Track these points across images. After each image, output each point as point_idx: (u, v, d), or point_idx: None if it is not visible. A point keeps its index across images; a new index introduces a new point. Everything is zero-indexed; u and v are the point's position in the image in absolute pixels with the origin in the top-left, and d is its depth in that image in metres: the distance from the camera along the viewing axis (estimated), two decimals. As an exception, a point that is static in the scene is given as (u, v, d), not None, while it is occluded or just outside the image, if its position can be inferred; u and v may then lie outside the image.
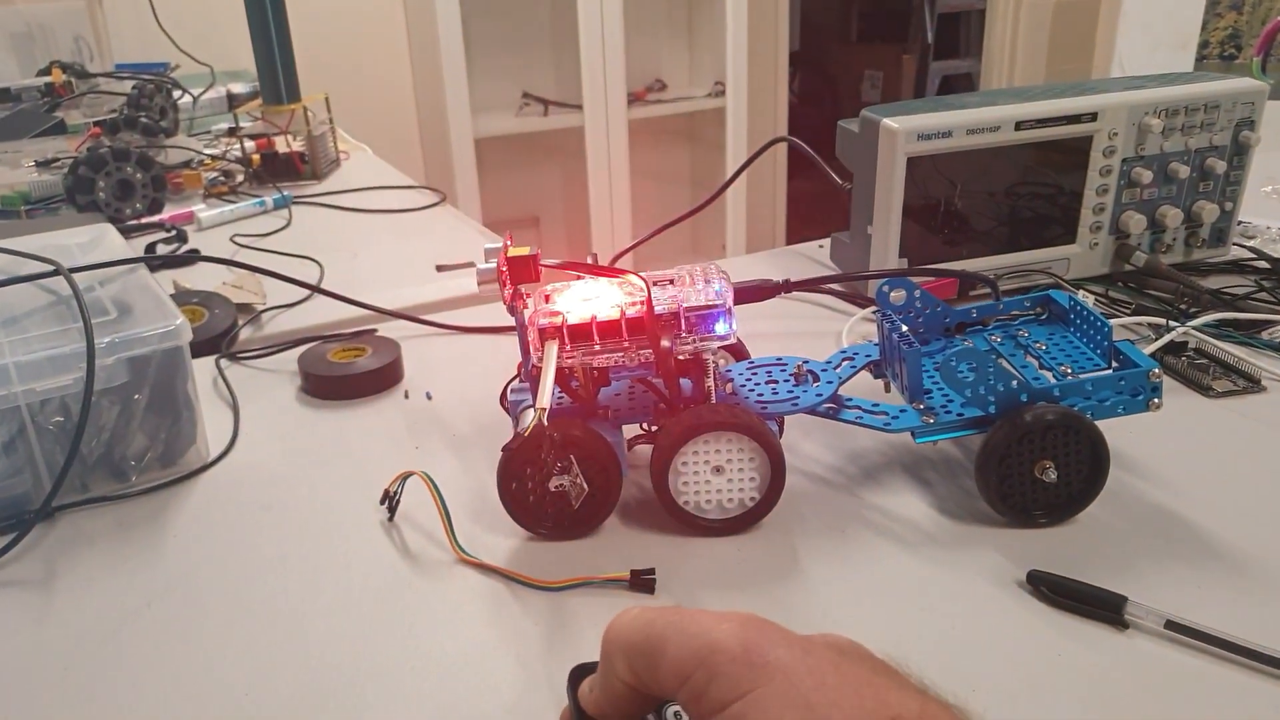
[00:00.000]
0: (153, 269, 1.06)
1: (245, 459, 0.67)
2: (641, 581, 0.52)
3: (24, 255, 0.70)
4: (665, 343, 0.54)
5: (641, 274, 0.57)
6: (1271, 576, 0.51)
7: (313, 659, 0.48)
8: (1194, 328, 0.75)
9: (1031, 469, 0.54)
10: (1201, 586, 0.51)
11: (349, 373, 0.74)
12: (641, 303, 0.54)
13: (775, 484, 0.55)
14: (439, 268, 1.04)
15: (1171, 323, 0.75)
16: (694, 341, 0.55)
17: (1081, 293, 0.84)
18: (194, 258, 1.07)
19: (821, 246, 1.02)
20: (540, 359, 0.54)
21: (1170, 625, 0.47)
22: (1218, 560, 0.52)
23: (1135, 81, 0.87)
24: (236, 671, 0.48)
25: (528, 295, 0.58)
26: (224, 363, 0.80)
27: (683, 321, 0.55)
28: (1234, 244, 0.93)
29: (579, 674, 0.36)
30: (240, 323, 0.88)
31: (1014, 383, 0.54)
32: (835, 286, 0.88)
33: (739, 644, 0.30)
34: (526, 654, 0.48)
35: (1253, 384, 0.70)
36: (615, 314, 0.55)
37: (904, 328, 0.61)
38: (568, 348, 0.55)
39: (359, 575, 0.54)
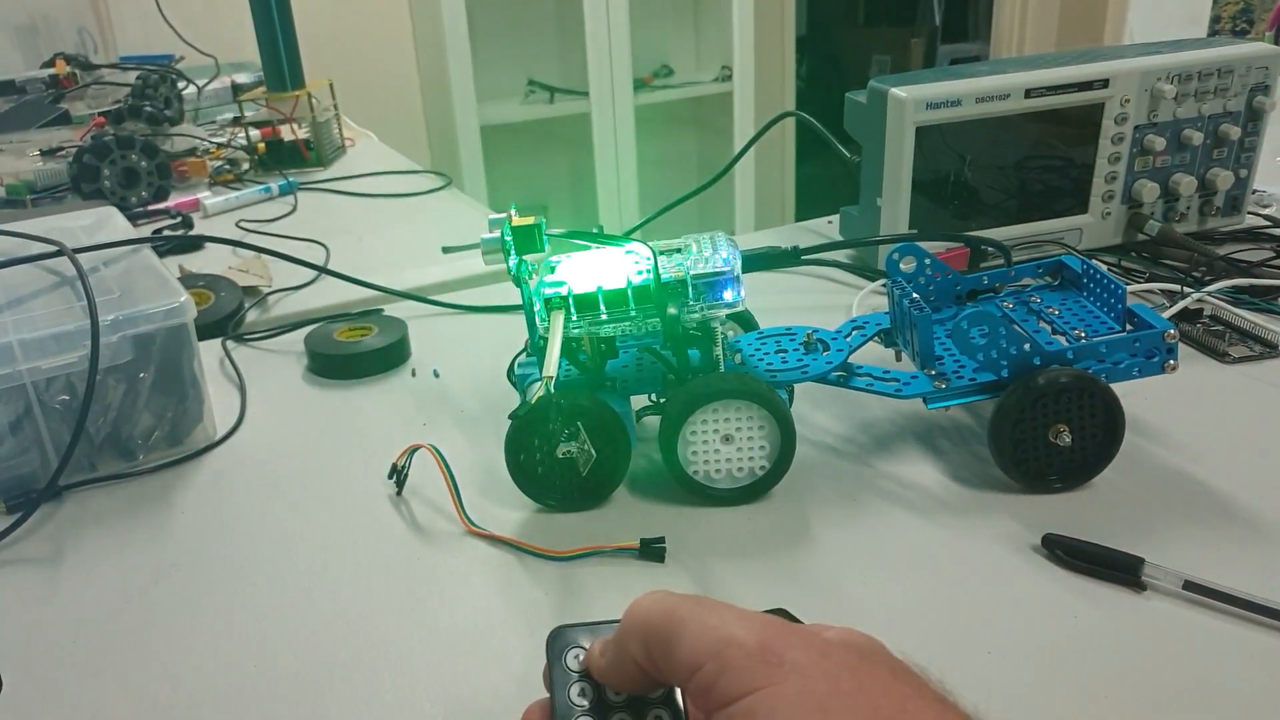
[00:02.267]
0: (159, 254, 1.05)
1: (252, 437, 0.67)
2: (651, 550, 0.51)
3: (28, 237, 0.69)
4: (672, 310, 0.53)
5: (648, 242, 0.57)
6: (1292, 538, 0.50)
7: (321, 633, 0.48)
8: (1209, 294, 0.74)
9: (1045, 433, 0.53)
10: (1219, 549, 0.50)
11: (355, 351, 0.74)
12: (648, 271, 0.54)
13: (785, 452, 0.55)
14: (445, 249, 1.03)
15: (1186, 289, 0.74)
16: (701, 309, 0.54)
17: (1094, 263, 0.83)
18: (200, 239, 1.06)
19: (830, 222, 1.01)
20: (546, 330, 0.54)
21: (1189, 586, 0.46)
22: (1235, 523, 0.52)
23: (1147, 48, 0.85)
24: (244, 646, 0.47)
25: (534, 268, 0.57)
26: (230, 344, 0.80)
27: (690, 289, 0.54)
28: (1249, 212, 0.91)
29: (559, 635, 0.35)
30: (247, 305, 0.88)
31: (1026, 346, 0.53)
32: (845, 259, 0.88)
33: (755, 640, 0.29)
34: (537, 624, 0.48)
35: (1270, 349, 0.69)
36: (621, 283, 0.54)
37: (914, 294, 0.61)
38: (574, 318, 0.54)
39: (367, 549, 0.54)
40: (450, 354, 0.77)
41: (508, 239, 0.55)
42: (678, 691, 0.33)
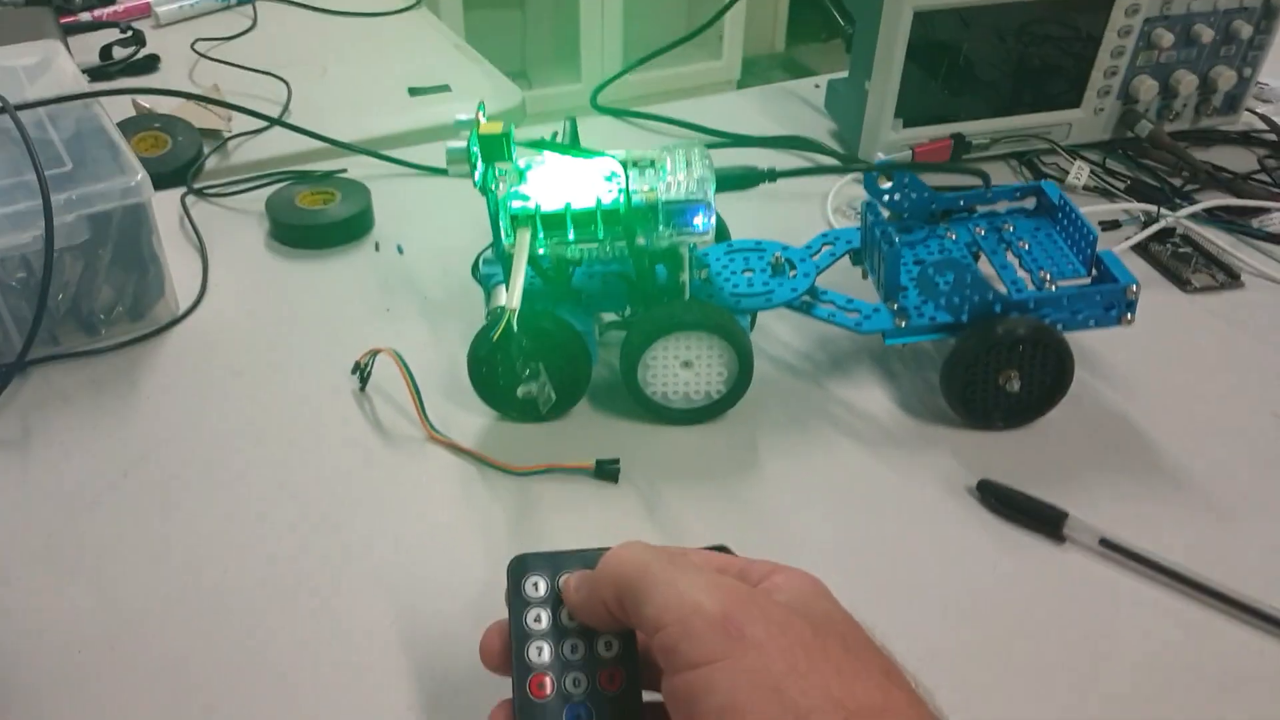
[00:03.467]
0: (109, 76, 1.01)
1: (215, 314, 0.67)
2: (605, 471, 0.53)
3: (-30, 85, 0.66)
4: (640, 241, 0.53)
5: (620, 156, 0.55)
6: (1206, 495, 0.53)
7: (286, 539, 0.50)
8: (1182, 219, 0.73)
9: (996, 377, 0.55)
10: (1141, 503, 0.52)
11: (318, 222, 0.72)
12: (618, 189, 0.53)
13: (742, 381, 0.56)
14: (412, 91, 0.99)
15: (1163, 211, 0.74)
16: (671, 236, 0.54)
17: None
18: (154, 61, 1.01)
19: (818, 86, 0.97)
20: (512, 246, 0.53)
21: (1104, 543, 0.49)
22: (1161, 476, 0.54)
23: (1169, -70, 0.80)
24: (212, 549, 0.50)
25: (504, 174, 0.55)
26: (189, 199, 0.78)
27: (660, 214, 0.53)
28: (1247, 109, 0.89)
29: (519, 563, 0.37)
30: (206, 151, 0.85)
31: (990, 295, 0.54)
32: (824, 156, 0.85)
33: (719, 610, 0.31)
34: (494, 539, 0.50)
35: (1232, 279, 0.70)
36: (590, 201, 0.53)
37: (886, 215, 0.60)
38: (540, 237, 0.53)
39: (331, 451, 0.56)
40: (415, 222, 0.76)
41: (474, 150, 0.53)
42: None
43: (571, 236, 0.53)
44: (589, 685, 0.35)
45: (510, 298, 0.50)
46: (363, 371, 0.59)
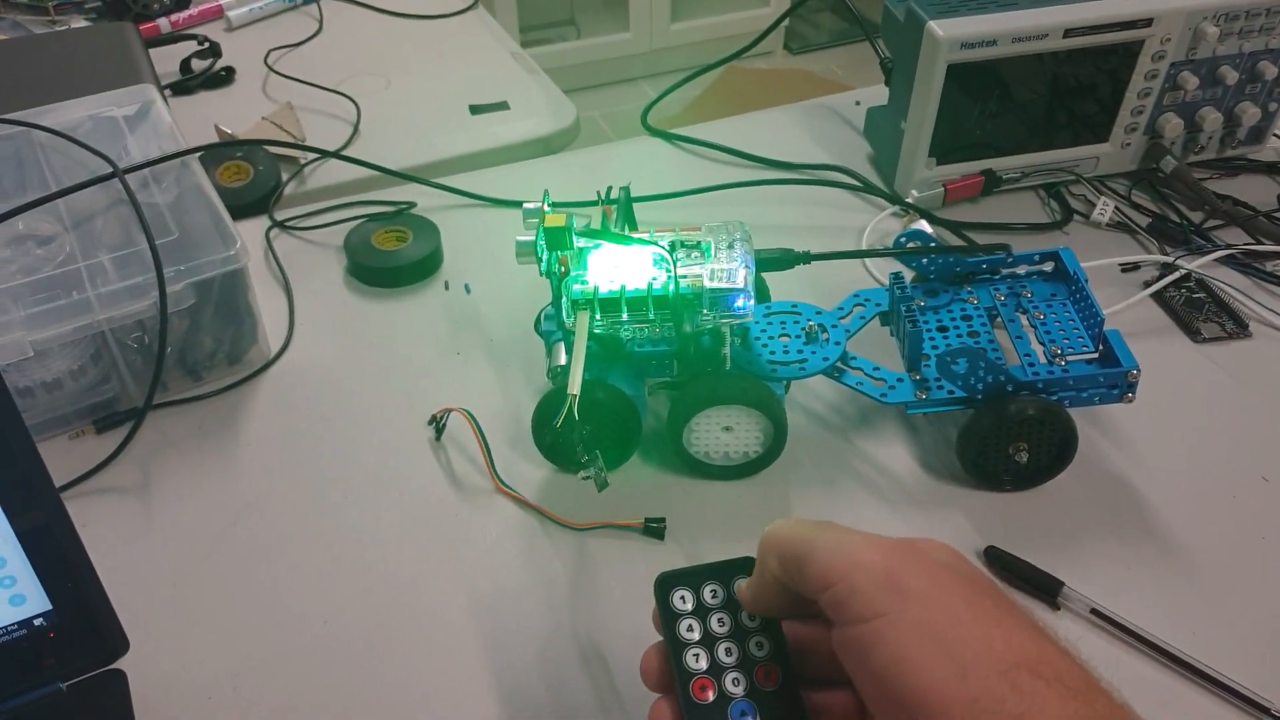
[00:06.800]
0: (189, 90, 1.07)
1: (302, 356, 0.74)
2: (652, 529, 0.61)
3: (80, 144, 0.72)
4: (687, 327, 0.59)
5: (665, 239, 0.60)
6: (1193, 564, 0.59)
7: (377, 593, 0.58)
8: (1197, 269, 0.78)
9: (1007, 448, 0.61)
10: (1132, 568, 0.59)
11: (394, 264, 0.79)
12: (666, 275, 0.58)
13: (777, 444, 0.62)
14: (474, 110, 1.04)
15: (1179, 261, 0.78)
16: (714, 319, 0.60)
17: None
18: (230, 72, 1.08)
19: (859, 104, 1.01)
20: (573, 325, 0.59)
21: (1094, 612, 0.55)
22: (1153, 541, 0.60)
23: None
24: (314, 602, 0.57)
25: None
26: (273, 232, 0.85)
27: (705, 300, 0.59)
28: (1275, 134, 0.92)
29: (664, 581, 0.42)
30: (284, 178, 0.91)
31: (1002, 377, 0.59)
32: (855, 182, 0.90)
33: (882, 566, 0.33)
34: (554, 592, 0.58)
35: (1240, 329, 0.74)
36: (643, 284, 0.59)
37: (909, 303, 0.65)
38: (597, 316, 0.60)
39: (412, 502, 0.63)
40: (478, 255, 0.82)
41: (540, 243, 0.59)
42: (777, 623, 0.40)
43: (625, 317, 0.60)
44: (748, 684, 0.39)
45: (571, 383, 0.56)
46: (438, 424, 0.67)
